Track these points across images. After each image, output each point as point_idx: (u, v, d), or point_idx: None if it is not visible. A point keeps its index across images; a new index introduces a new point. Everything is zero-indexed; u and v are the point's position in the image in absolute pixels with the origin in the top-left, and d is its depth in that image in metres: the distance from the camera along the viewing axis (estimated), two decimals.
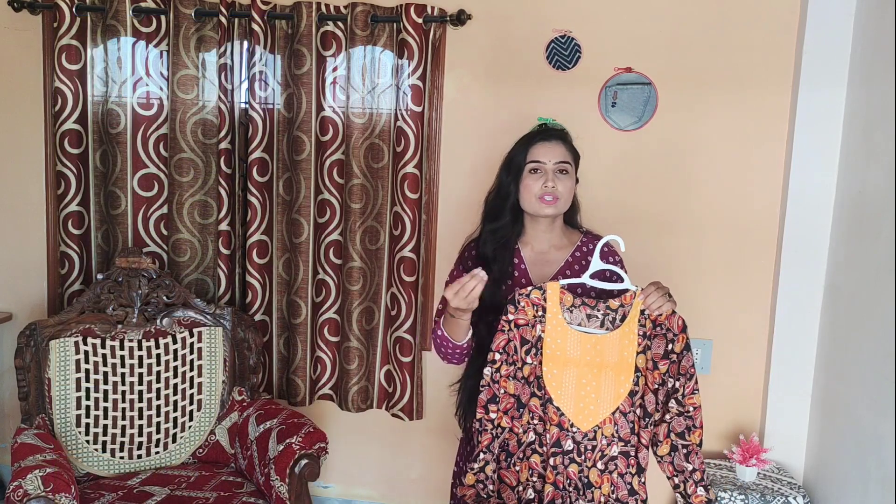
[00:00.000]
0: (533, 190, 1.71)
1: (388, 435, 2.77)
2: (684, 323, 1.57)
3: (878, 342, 1.96)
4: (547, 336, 1.59)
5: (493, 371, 1.59)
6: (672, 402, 1.56)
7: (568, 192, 1.73)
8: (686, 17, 2.42)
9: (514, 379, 1.60)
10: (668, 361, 1.57)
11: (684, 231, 2.50)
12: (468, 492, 1.61)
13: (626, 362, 1.58)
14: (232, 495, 2.15)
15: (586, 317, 1.60)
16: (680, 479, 1.58)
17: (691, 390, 1.56)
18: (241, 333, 2.47)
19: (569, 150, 1.76)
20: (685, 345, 1.56)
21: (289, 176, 2.62)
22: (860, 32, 2.23)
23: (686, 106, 2.45)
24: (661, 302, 1.57)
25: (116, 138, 2.62)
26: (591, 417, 1.58)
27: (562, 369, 1.58)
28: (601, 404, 1.58)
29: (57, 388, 2.28)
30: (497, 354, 1.60)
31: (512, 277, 1.76)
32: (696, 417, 1.56)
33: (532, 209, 1.73)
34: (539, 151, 1.72)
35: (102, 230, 2.71)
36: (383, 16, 2.50)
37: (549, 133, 1.77)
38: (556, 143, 1.74)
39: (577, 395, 1.58)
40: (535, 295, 1.60)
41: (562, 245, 1.80)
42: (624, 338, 1.58)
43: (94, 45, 2.60)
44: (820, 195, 2.34)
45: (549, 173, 1.70)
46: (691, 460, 1.57)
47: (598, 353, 1.58)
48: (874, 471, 1.94)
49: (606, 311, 1.59)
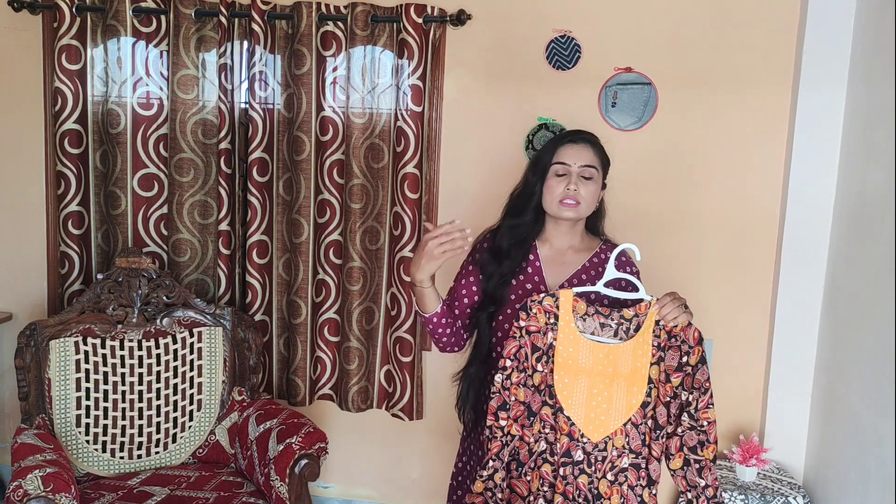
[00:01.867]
0: (555, 192, 1.70)
1: (388, 435, 2.77)
2: (701, 335, 1.54)
3: (878, 342, 1.96)
4: (559, 344, 1.56)
5: (504, 378, 1.57)
6: (685, 415, 1.53)
7: (591, 197, 1.72)
8: (686, 17, 2.42)
9: (524, 386, 1.58)
10: (681, 374, 1.54)
11: (684, 231, 2.50)
12: (477, 500, 1.59)
13: (640, 373, 1.55)
14: (232, 495, 2.15)
15: (599, 325, 1.57)
16: (693, 495, 1.56)
17: (706, 404, 1.52)
18: (241, 333, 2.48)
19: (597, 154, 1.74)
20: (701, 357, 1.53)
21: (289, 176, 2.62)
22: (860, 32, 2.23)
23: (686, 106, 2.45)
24: (677, 313, 1.55)
25: (116, 138, 2.62)
26: (601, 428, 1.55)
27: (573, 378, 1.56)
28: (612, 415, 1.55)
29: (57, 388, 2.28)
30: (508, 361, 1.57)
31: (525, 273, 1.75)
32: (711, 432, 1.52)
33: (552, 211, 1.72)
34: (566, 153, 1.71)
35: (102, 230, 2.71)
36: (383, 16, 2.50)
37: (579, 135, 1.76)
38: (584, 146, 1.73)
39: (588, 405, 1.55)
40: (547, 302, 1.58)
41: (581, 249, 1.78)
42: (638, 348, 1.55)
43: (94, 45, 2.60)
44: (820, 195, 2.34)
45: (574, 176, 1.69)
46: (704, 476, 1.54)
47: (610, 362, 1.55)
48: (874, 471, 1.94)
49: (620, 320, 1.57)
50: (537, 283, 1.74)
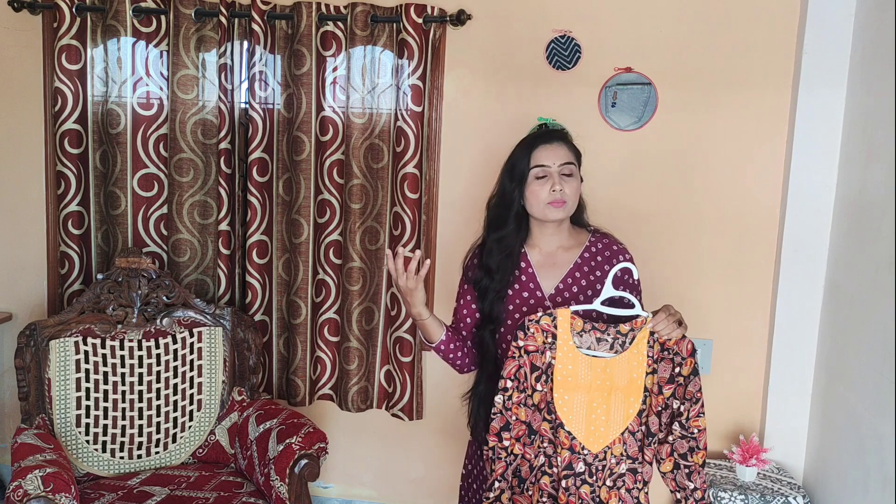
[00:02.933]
0: (540, 196, 1.68)
1: (388, 435, 2.77)
2: (694, 347, 1.57)
3: (878, 342, 1.96)
4: (558, 363, 1.58)
5: (505, 399, 1.59)
6: (676, 425, 1.57)
7: (574, 194, 1.71)
8: (686, 17, 2.42)
9: (524, 406, 1.60)
10: (672, 385, 1.58)
11: (684, 231, 2.50)
12: None
13: (636, 384, 1.58)
14: (232, 495, 2.15)
15: (596, 340, 1.59)
16: (682, 496, 1.62)
17: (696, 413, 1.56)
18: (240, 333, 2.47)
19: (571, 150, 1.74)
20: (693, 369, 1.57)
21: (289, 176, 2.62)
22: (860, 32, 2.23)
23: (686, 106, 2.45)
24: (671, 329, 1.56)
25: (116, 138, 2.62)
26: (601, 439, 1.59)
27: (572, 394, 1.58)
28: (611, 426, 1.59)
29: (57, 388, 2.28)
30: (509, 382, 1.59)
31: (520, 282, 1.74)
32: (701, 439, 1.57)
33: (541, 215, 1.71)
34: (542, 155, 1.70)
35: (102, 230, 2.71)
36: (383, 16, 2.49)
37: (550, 135, 1.75)
38: (558, 144, 1.72)
39: (587, 419, 1.58)
40: (545, 321, 1.59)
41: (570, 246, 1.77)
42: (633, 359, 1.58)
43: (94, 45, 2.60)
44: (820, 195, 2.34)
45: (555, 176, 1.68)
46: (693, 479, 1.59)
47: (607, 376, 1.58)
48: (874, 471, 1.94)
49: (616, 335, 1.59)
50: (533, 289, 1.73)
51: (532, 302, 1.72)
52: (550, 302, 1.72)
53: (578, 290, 1.72)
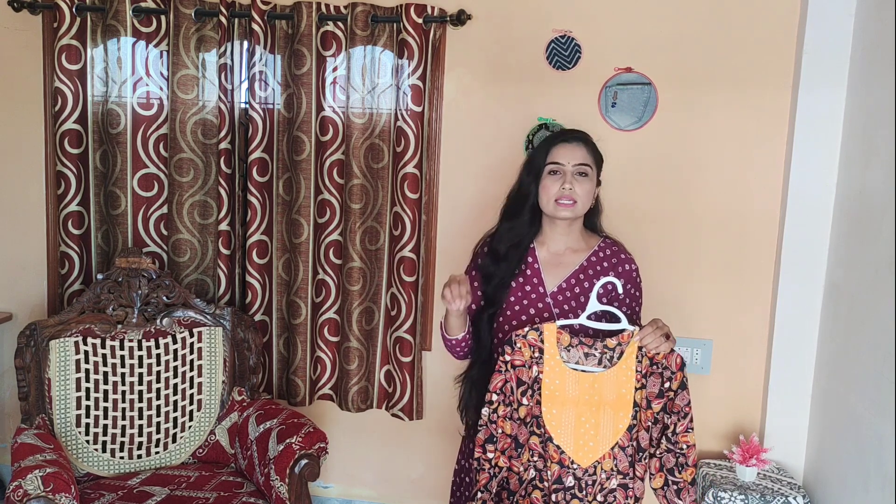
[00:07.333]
0: (550, 191, 1.71)
1: (388, 435, 2.77)
2: (683, 361, 1.58)
3: (878, 342, 1.96)
4: (545, 377, 1.59)
5: (491, 412, 1.61)
6: (663, 438, 1.59)
7: (586, 195, 1.73)
8: (686, 17, 2.42)
9: (510, 419, 1.62)
10: (662, 400, 1.59)
11: (684, 231, 2.50)
12: None
13: (625, 399, 1.59)
14: (232, 495, 2.15)
15: (584, 355, 1.60)
16: None
17: (685, 428, 1.57)
18: (241, 333, 2.48)
19: (590, 152, 1.76)
20: (681, 383, 1.58)
21: (289, 176, 2.62)
22: (860, 32, 2.23)
23: (686, 106, 2.45)
24: (658, 343, 1.58)
25: (116, 138, 2.62)
26: (591, 454, 1.60)
27: (561, 409, 1.59)
28: (600, 441, 1.60)
29: (57, 388, 2.28)
30: (494, 395, 1.61)
31: (524, 276, 1.76)
32: (690, 455, 1.58)
33: (549, 211, 1.73)
34: (559, 153, 1.73)
35: (102, 230, 2.71)
36: (383, 16, 2.49)
37: (571, 135, 1.77)
38: (577, 144, 1.75)
39: (576, 433, 1.60)
40: (531, 336, 1.61)
41: (578, 248, 1.79)
42: (621, 375, 1.59)
43: (94, 45, 2.60)
44: (820, 195, 2.34)
45: (568, 175, 1.70)
46: (682, 497, 1.60)
47: (596, 391, 1.59)
48: (874, 471, 1.94)
49: (604, 349, 1.60)
50: (536, 284, 1.75)
51: (533, 296, 1.74)
52: (551, 300, 1.73)
53: (580, 291, 1.73)
